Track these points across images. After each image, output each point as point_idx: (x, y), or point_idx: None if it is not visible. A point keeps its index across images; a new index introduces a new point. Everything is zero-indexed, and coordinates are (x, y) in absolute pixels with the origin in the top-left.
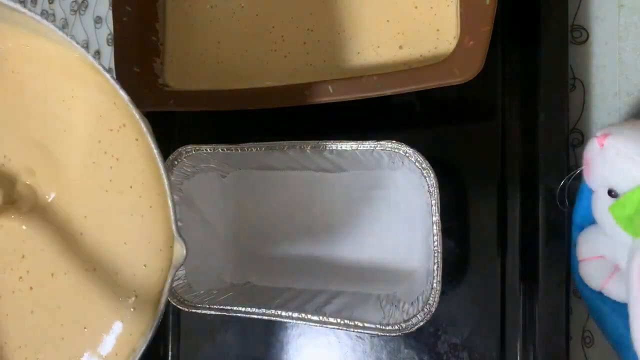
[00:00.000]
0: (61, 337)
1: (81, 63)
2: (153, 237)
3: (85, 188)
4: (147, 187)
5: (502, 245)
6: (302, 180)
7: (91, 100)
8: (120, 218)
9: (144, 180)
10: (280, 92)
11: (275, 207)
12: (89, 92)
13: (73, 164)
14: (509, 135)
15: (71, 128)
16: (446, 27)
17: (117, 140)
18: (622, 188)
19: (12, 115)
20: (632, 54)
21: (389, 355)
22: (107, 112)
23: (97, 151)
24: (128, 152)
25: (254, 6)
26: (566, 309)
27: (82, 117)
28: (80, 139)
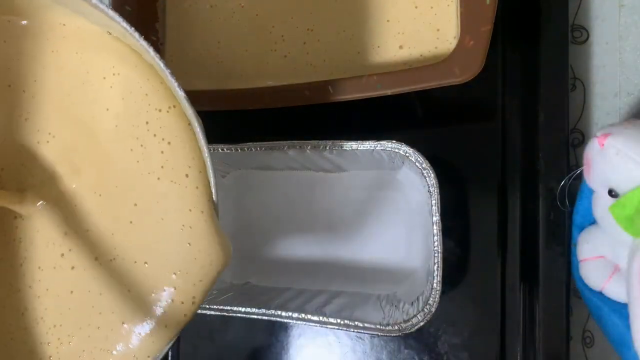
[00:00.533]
0: (97, 326)
1: (121, 41)
2: (204, 235)
3: (133, 173)
4: (202, 177)
5: (502, 245)
6: (302, 181)
7: (135, 77)
8: (175, 211)
9: (200, 168)
10: (280, 92)
11: (275, 207)
12: (131, 70)
13: (118, 146)
14: (509, 135)
15: (114, 106)
16: (446, 27)
17: (167, 123)
18: (622, 188)
19: (55, 94)
20: (633, 54)
21: (389, 356)
22: (154, 91)
23: (145, 133)
24: (180, 137)
25: (254, 6)
26: (566, 309)
27: (126, 95)
28: (125, 118)
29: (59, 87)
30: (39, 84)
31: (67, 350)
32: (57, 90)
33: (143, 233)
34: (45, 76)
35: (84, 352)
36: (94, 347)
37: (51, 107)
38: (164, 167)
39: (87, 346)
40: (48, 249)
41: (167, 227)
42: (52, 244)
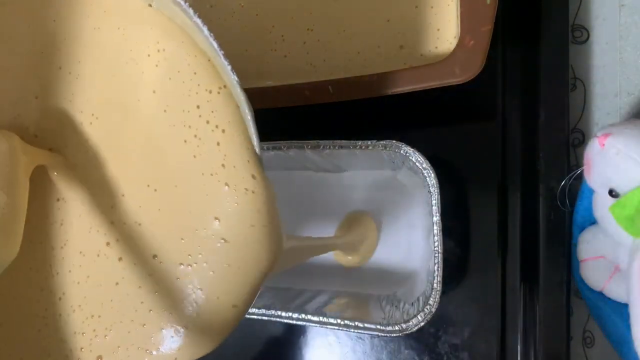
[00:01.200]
0: (142, 323)
1: (163, 15)
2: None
3: (190, 172)
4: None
5: (502, 245)
6: (302, 181)
7: (182, 54)
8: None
9: (249, 158)
10: (281, 92)
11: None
12: (177, 46)
13: (169, 135)
14: (509, 135)
15: (161, 88)
16: (447, 27)
17: (219, 106)
18: (622, 188)
19: (98, 75)
20: (633, 54)
21: (389, 356)
22: (203, 70)
23: (197, 120)
24: (233, 123)
25: (254, 6)
26: (567, 309)
27: (173, 74)
28: (174, 101)
29: (102, 67)
30: (83, 64)
31: (102, 344)
32: (100, 71)
33: (201, 235)
34: (88, 56)
35: (119, 348)
36: (131, 344)
37: (95, 89)
38: (225, 165)
39: (125, 342)
40: (91, 235)
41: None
42: (97, 231)
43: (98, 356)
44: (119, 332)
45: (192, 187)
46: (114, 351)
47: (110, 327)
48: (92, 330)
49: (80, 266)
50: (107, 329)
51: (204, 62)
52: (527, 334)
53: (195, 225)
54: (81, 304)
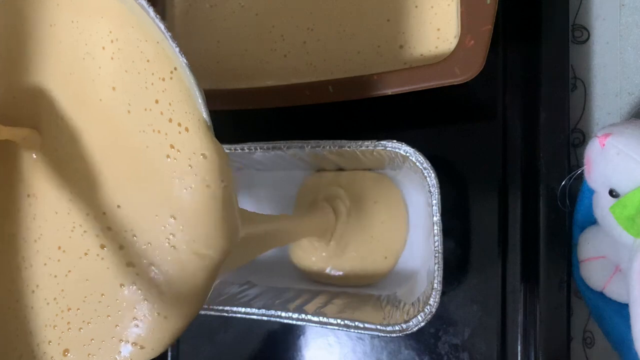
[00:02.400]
0: (118, 311)
1: (115, 2)
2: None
3: (156, 164)
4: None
5: (503, 245)
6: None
7: (134, 40)
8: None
9: (206, 151)
10: (280, 92)
11: (276, 206)
12: (129, 32)
13: (128, 134)
14: (509, 135)
15: (119, 82)
16: (447, 27)
17: (174, 95)
18: (623, 188)
19: (58, 74)
20: (634, 54)
21: (390, 356)
22: (154, 55)
23: (159, 119)
24: (190, 114)
25: (254, 5)
26: (567, 310)
27: (129, 66)
28: (134, 98)
29: (61, 65)
30: (42, 65)
31: (74, 337)
32: (59, 70)
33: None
34: (46, 55)
35: (93, 341)
36: (106, 336)
37: (57, 90)
38: (192, 166)
39: (102, 335)
40: (75, 233)
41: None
42: (80, 228)
43: (65, 349)
44: (99, 325)
45: (158, 180)
46: (85, 344)
47: (89, 320)
48: (66, 323)
49: (59, 260)
50: (86, 322)
51: (154, 46)
52: (527, 334)
53: (158, 212)
54: (57, 297)
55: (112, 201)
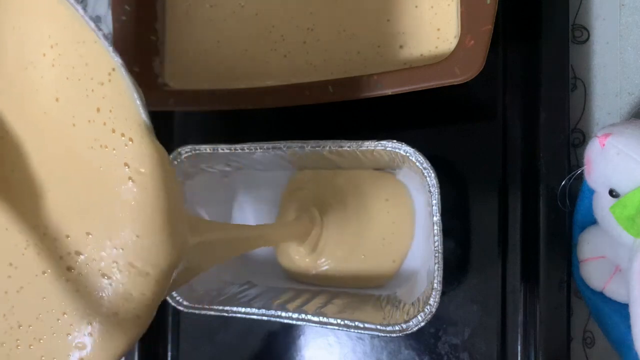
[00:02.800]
0: (67, 333)
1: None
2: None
3: (101, 174)
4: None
5: (503, 245)
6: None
7: (71, 43)
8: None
9: (148, 152)
10: (281, 92)
11: (276, 206)
12: (66, 34)
13: (78, 152)
14: (509, 135)
15: (62, 92)
16: (447, 27)
17: (114, 101)
18: (623, 188)
19: (3, 88)
20: (634, 54)
21: (389, 356)
22: (91, 56)
23: (102, 130)
24: (130, 121)
25: (254, 5)
26: (567, 310)
27: (69, 72)
28: (77, 110)
29: (4, 78)
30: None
31: (22, 354)
32: (3, 83)
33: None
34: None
35: (43, 358)
36: (57, 353)
37: (4, 104)
38: (133, 180)
39: (49, 352)
40: (27, 252)
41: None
42: (35, 247)
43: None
44: (50, 342)
45: (107, 201)
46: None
47: (41, 337)
48: (15, 340)
49: (10, 277)
50: (37, 339)
51: (91, 48)
52: (527, 334)
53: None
54: (6, 314)
55: (59, 224)
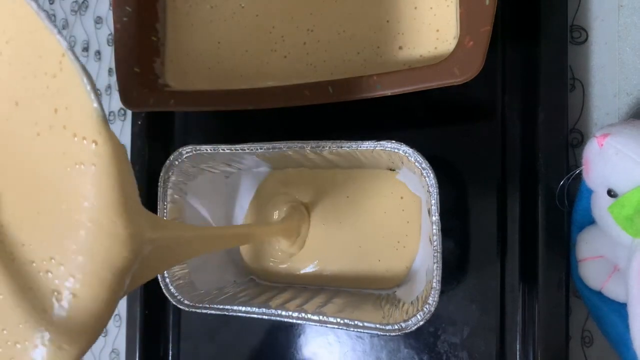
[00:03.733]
0: (16, 342)
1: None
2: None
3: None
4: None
5: (501, 244)
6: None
7: (23, 34)
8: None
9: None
10: (281, 92)
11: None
12: (18, 26)
13: (43, 168)
14: (508, 135)
15: (21, 97)
16: (446, 28)
17: (67, 93)
18: (621, 188)
19: None
20: (632, 54)
21: (389, 355)
22: (41, 47)
23: (62, 135)
24: (87, 121)
25: (254, 6)
26: (566, 309)
27: (25, 70)
28: (38, 114)
29: None
30: None
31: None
32: None
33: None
34: None
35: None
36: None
37: None
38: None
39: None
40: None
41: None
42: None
43: None
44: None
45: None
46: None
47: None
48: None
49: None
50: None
51: (40, 35)
52: (526, 333)
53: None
54: None
55: (17, 239)
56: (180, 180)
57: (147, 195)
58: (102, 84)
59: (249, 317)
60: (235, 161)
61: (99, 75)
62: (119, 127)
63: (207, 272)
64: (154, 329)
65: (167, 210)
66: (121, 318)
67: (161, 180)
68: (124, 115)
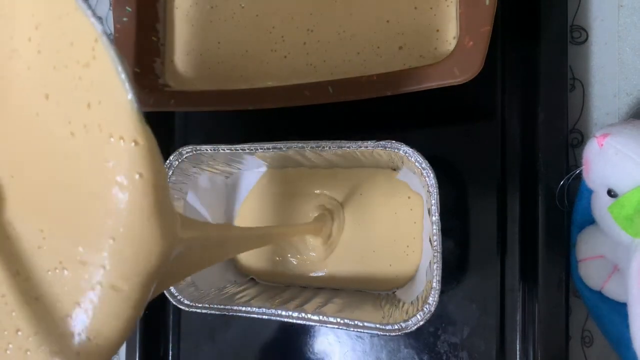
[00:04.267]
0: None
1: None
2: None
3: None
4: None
5: (501, 244)
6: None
7: (53, 19)
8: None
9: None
10: (281, 92)
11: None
12: (47, 9)
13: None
14: (508, 135)
15: (51, 86)
16: (446, 28)
17: (102, 85)
18: (621, 188)
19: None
20: (632, 54)
21: (389, 355)
22: (73, 32)
23: (97, 137)
24: (120, 110)
25: (254, 6)
26: (565, 309)
27: (55, 59)
28: (71, 110)
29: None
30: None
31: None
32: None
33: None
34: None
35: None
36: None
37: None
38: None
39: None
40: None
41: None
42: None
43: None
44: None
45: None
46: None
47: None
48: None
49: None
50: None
51: (72, 19)
52: (526, 333)
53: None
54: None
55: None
56: (180, 180)
57: None
58: None
59: (249, 317)
60: (235, 161)
61: None
62: None
63: (207, 272)
64: (154, 329)
65: None
66: None
67: None
68: None
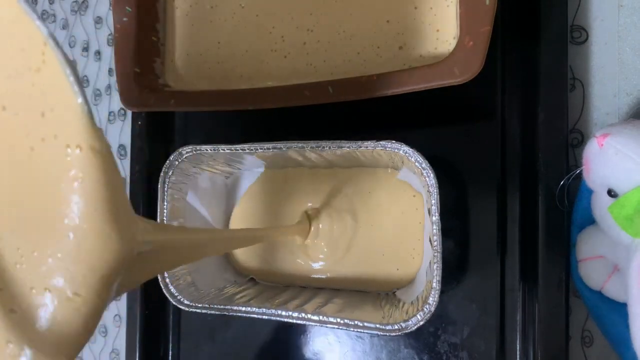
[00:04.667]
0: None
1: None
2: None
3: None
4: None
5: (501, 244)
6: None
7: (7, 27)
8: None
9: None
10: (281, 92)
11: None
12: (3, 15)
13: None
14: (508, 135)
15: (8, 98)
16: (446, 28)
17: (53, 91)
18: (621, 188)
19: None
20: (632, 54)
21: (389, 355)
22: (27, 37)
23: (54, 145)
24: (70, 111)
25: (254, 6)
26: (565, 309)
27: (10, 68)
28: (30, 124)
29: None
30: None
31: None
32: None
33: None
34: None
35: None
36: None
37: None
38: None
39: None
40: None
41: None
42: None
43: None
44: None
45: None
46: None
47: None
48: None
49: None
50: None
51: (22, 23)
52: (526, 333)
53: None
54: None
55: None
56: (180, 180)
57: (147, 195)
58: (102, 84)
59: (248, 317)
60: (235, 161)
61: (99, 76)
62: (119, 127)
63: (207, 272)
64: (154, 329)
65: (167, 210)
66: (121, 318)
67: (161, 180)
68: (124, 115)
